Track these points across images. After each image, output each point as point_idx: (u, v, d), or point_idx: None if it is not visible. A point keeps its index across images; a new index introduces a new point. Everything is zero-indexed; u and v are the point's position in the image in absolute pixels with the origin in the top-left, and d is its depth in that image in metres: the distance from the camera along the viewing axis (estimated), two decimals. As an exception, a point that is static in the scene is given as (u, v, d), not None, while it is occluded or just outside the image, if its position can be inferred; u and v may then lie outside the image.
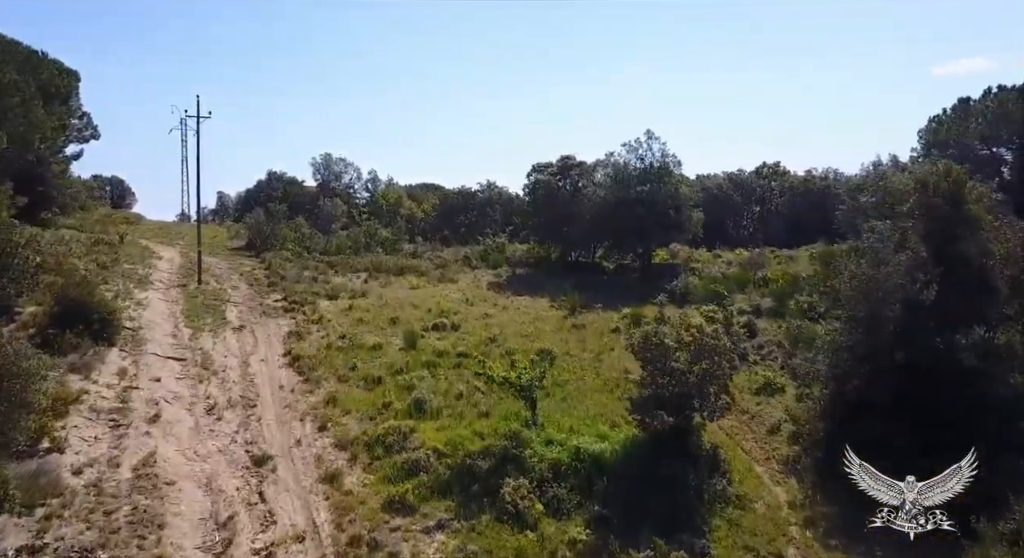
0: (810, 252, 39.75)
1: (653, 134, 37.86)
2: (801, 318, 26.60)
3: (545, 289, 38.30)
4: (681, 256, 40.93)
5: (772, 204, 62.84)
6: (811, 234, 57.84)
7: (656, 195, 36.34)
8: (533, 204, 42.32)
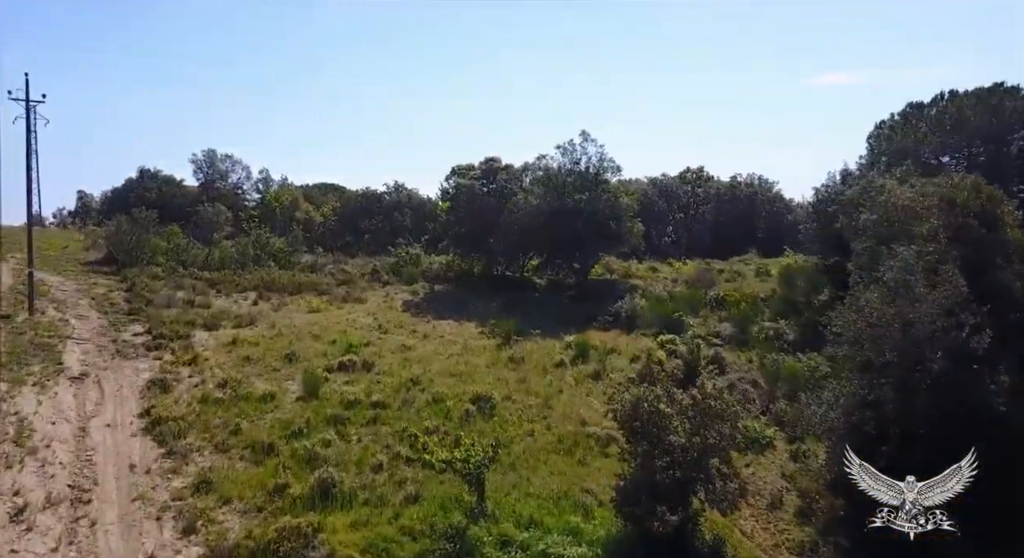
0: (757, 265, 37.68)
1: (589, 136, 34.53)
2: (770, 348, 23.63)
3: (470, 310, 33.92)
4: (618, 271, 37.69)
5: (698, 211, 61.33)
6: (738, 243, 56.93)
7: (595, 205, 32.86)
8: (453, 211, 37.82)
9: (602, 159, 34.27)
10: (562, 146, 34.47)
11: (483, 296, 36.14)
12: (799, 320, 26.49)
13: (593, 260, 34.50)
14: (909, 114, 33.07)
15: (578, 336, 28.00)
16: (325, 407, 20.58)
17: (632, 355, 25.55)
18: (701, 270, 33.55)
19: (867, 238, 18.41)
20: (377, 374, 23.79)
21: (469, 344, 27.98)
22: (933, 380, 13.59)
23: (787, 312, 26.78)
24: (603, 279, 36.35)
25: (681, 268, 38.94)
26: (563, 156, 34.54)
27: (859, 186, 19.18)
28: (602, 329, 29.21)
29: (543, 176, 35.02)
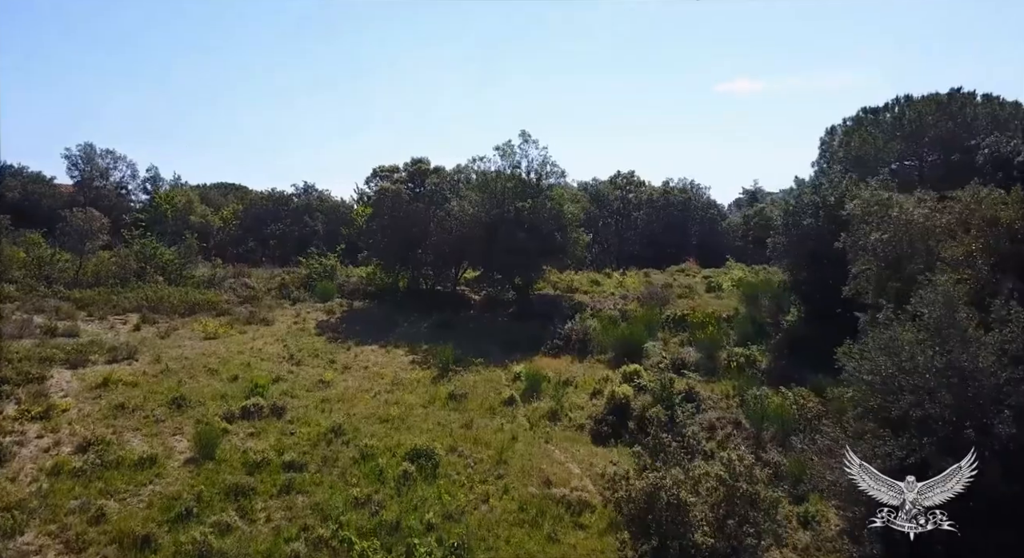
0: (702, 277, 35.76)
1: (529, 137, 31.41)
2: (743, 378, 21.25)
3: (398, 332, 30.13)
4: (561, 285, 34.81)
5: (630, 218, 59.61)
6: (673, 251, 55.59)
7: (538, 213, 29.80)
8: (376, 218, 33.81)
9: (545, 163, 31.36)
10: (501, 148, 31.31)
11: (411, 314, 32.36)
12: (769, 344, 24.38)
13: (537, 275, 31.47)
14: (863, 119, 32.02)
15: (526, 365, 24.84)
16: (223, 473, 16.46)
17: (591, 388, 22.60)
18: (653, 286, 31.16)
19: (868, 260, 16.20)
20: (290, 422, 19.76)
21: (399, 377, 24.25)
22: (1002, 446, 11.19)
23: (754, 335, 24.63)
24: (545, 294, 33.36)
25: (626, 281, 36.55)
26: (502, 159, 31.36)
27: (862, 200, 17.10)
28: (552, 355, 26.17)
29: (480, 181, 31.63)
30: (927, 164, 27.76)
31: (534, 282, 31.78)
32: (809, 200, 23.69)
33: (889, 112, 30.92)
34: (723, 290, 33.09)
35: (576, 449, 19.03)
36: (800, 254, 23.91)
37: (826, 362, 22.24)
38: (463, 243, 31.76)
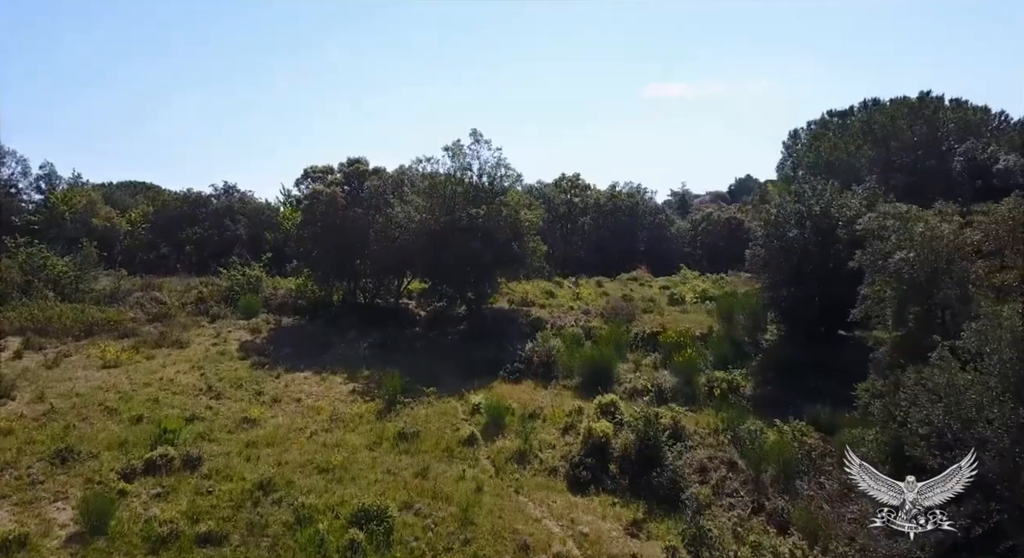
0: (659, 287, 33.96)
1: (481, 136, 28.75)
2: (729, 407, 19.29)
3: (334, 354, 26.99)
4: (514, 297, 32.27)
5: (576, 223, 57.74)
6: (621, 258, 54.05)
7: (493, 221, 27.19)
8: (307, 225, 30.41)
9: (499, 165, 28.76)
10: (450, 148, 28.46)
11: (349, 332, 29.20)
12: (750, 366, 22.57)
13: (492, 288, 28.82)
14: (828, 122, 30.94)
15: (485, 393, 22.21)
16: (117, 555, 13.15)
17: (562, 421, 20.15)
18: (617, 300, 29.01)
19: (885, 281, 14.42)
20: (207, 476, 16.53)
21: (339, 411, 21.20)
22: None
23: (733, 356, 22.80)
24: (500, 309, 30.76)
25: (582, 292, 34.37)
26: (451, 160, 28.53)
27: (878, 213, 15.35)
28: (513, 381, 23.62)
29: (427, 184, 28.70)
30: (900, 170, 26.71)
31: (489, 297, 29.15)
32: (792, 209, 22.06)
33: (857, 116, 29.93)
34: (687, 303, 31.38)
35: (552, 500, 16.53)
36: (782, 268, 22.24)
37: (817, 388, 20.80)
38: (408, 253, 28.80)
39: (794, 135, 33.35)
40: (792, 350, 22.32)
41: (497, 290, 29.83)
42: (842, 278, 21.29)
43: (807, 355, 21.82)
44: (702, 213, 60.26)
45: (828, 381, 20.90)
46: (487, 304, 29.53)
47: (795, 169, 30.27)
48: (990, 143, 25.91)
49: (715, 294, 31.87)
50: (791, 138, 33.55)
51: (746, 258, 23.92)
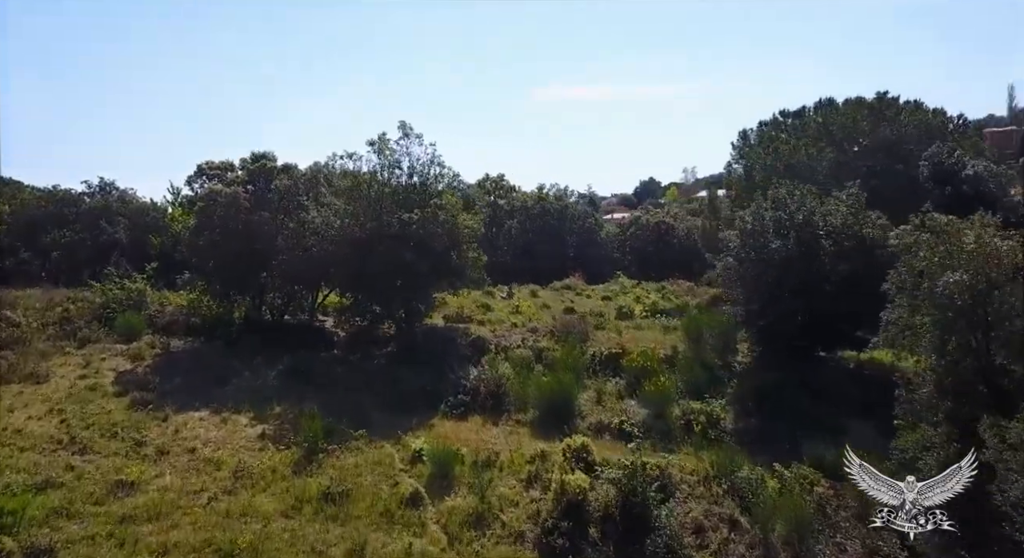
0: (601, 297, 31.60)
1: (411, 130, 25.20)
2: (723, 453, 16.85)
3: (238, 386, 22.88)
4: (449, 312, 28.86)
5: (502, 226, 54.78)
6: (551, 264, 51.62)
7: (429, 228, 23.80)
8: (202, 231, 25.89)
9: (432, 163, 25.31)
10: (375, 143, 24.71)
11: (254, 357, 24.98)
12: (726, 394, 20.33)
13: (427, 304, 25.30)
14: (781, 123, 29.56)
15: (426, 434, 18.85)
16: None
17: (524, 470, 17.09)
18: (572, 319, 26.20)
19: (918, 306, 12.31)
20: (63, 576, 12.32)
21: (245, 464, 17.32)
22: None
23: (706, 383, 20.49)
24: (434, 327, 27.24)
25: (521, 305, 31.41)
26: (377, 157, 24.80)
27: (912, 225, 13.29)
28: (457, 417, 20.37)
29: (349, 185, 24.83)
30: (859, 174, 25.41)
31: (424, 314, 25.64)
32: (772, 217, 20.02)
33: (812, 116, 28.67)
34: (637, 317, 29.07)
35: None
36: (760, 282, 20.14)
37: (807, 416, 18.81)
38: (325, 263, 24.87)
39: (743, 136, 31.91)
40: (770, 373, 20.26)
41: (432, 306, 26.37)
42: (827, 293, 19.40)
43: (787, 377, 19.81)
44: (631, 216, 58.85)
45: (816, 407, 18.93)
46: (420, 322, 26.02)
47: (748, 172, 28.64)
48: (956, 147, 25.18)
49: (666, 307, 29.77)
50: (741, 139, 32.09)
51: (718, 270, 21.72)
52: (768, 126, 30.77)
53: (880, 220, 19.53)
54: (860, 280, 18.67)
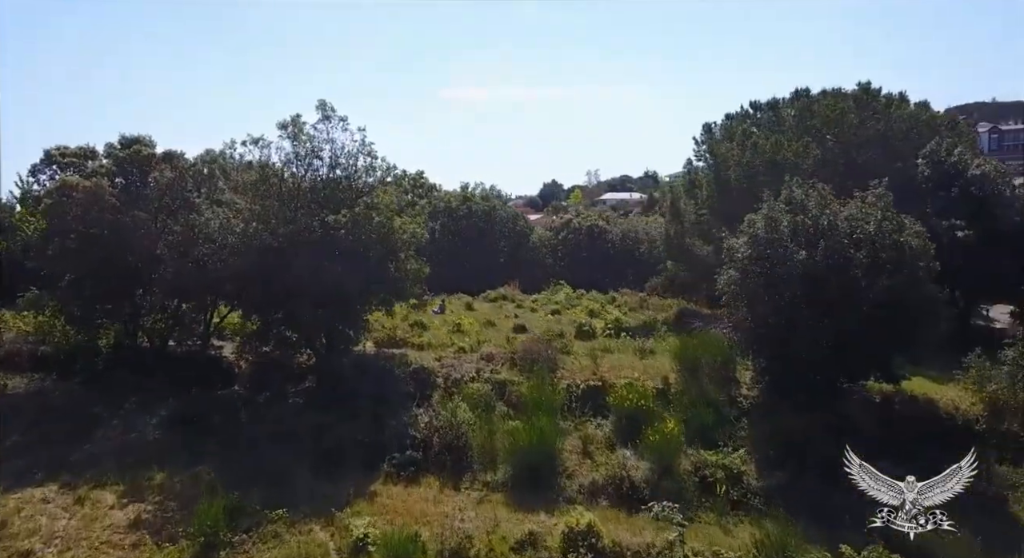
0: (551, 310, 28.02)
1: (334, 112, 20.39)
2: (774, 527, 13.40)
3: (102, 444, 17.93)
4: (379, 334, 24.07)
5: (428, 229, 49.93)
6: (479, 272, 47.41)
7: (360, 234, 19.17)
8: (56, 235, 20.08)
9: (362, 152, 20.57)
10: (288, 126, 19.69)
11: (125, 399, 19.69)
12: (738, 437, 16.93)
13: (357, 329, 20.48)
14: (751, 116, 26.92)
15: (367, 507, 14.40)
16: None
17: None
18: (536, 340, 21.97)
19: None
20: None
21: (111, 576, 12.20)
22: None
23: (712, 424, 17.00)
24: (364, 356, 22.34)
25: (464, 323, 27.05)
26: (291, 143, 19.75)
27: None
28: (405, 480, 15.97)
29: (256, 178, 19.66)
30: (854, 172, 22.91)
31: (355, 340, 20.78)
32: (790, 223, 16.78)
33: (789, 107, 26.10)
34: (598, 335, 25.45)
35: None
36: (776, 301, 16.86)
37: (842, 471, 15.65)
38: (223, 278, 19.64)
39: (707, 130, 29.04)
40: (786, 410, 17.01)
41: (364, 330, 21.60)
42: (859, 313, 16.37)
43: (810, 417, 16.64)
44: (563, 219, 55.62)
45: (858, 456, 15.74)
46: (348, 349, 21.17)
47: (718, 170, 25.70)
48: (956, 144, 23.16)
49: (631, 324, 26.32)
50: (705, 133, 29.21)
51: (720, 284, 18.26)
52: (736, 119, 28.09)
53: (915, 226, 16.77)
54: (900, 298, 15.77)
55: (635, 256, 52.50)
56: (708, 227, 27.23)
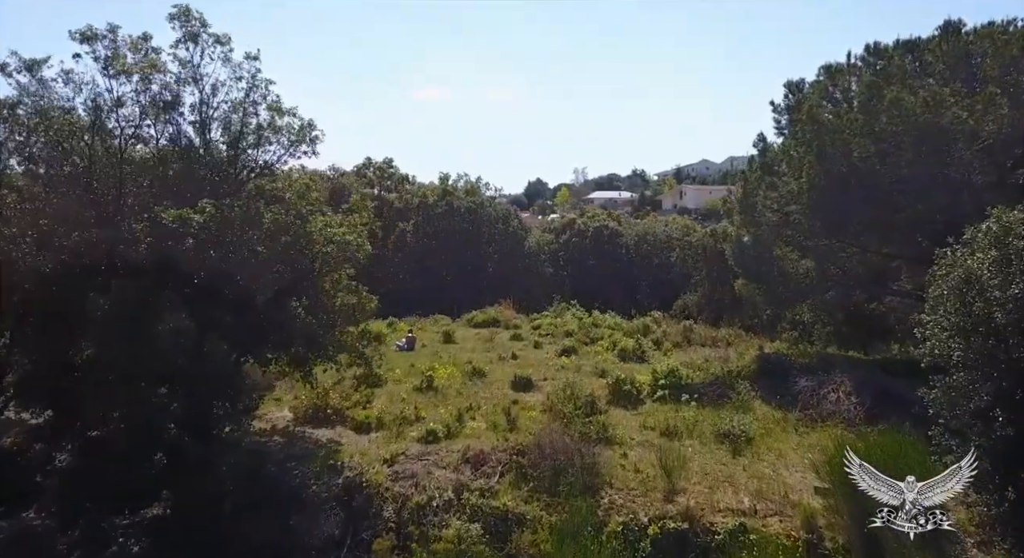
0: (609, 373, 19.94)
1: (207, 26, 11.85)
2: None
3: None
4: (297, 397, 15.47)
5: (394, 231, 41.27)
6: (461, 284, 38.88)
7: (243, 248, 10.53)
8: None
9: (253, 98, 12.02)
10: (100, 38, 11.06)
11: None
12: None
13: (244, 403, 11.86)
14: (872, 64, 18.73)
15: None
16: None
17: None
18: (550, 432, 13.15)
19: None
20: None
21: None
22: None
23: None
24: (255, 444, 13.74)
25: (437, 374, 18.54)
26: (108, 76, 11.09)
27: None
28: None
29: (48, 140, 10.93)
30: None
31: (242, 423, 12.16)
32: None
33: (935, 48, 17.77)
34: (645, 397, 17.07)
35: None
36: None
37: None
38: None
39: (795, 89, 20.77)
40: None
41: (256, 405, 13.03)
42: None
43: None
44: (565, 219, 47.15)
45: None
46: (235, 432, 12.60)
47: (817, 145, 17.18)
48: None
49: (694, 379, 17.87)
50: (792, 93, 20.94)
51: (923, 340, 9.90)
52: (840, 73, 19.75)
53: None
54: None
55: (653, 265, 44.29)
56: (798, 232, 18.99)
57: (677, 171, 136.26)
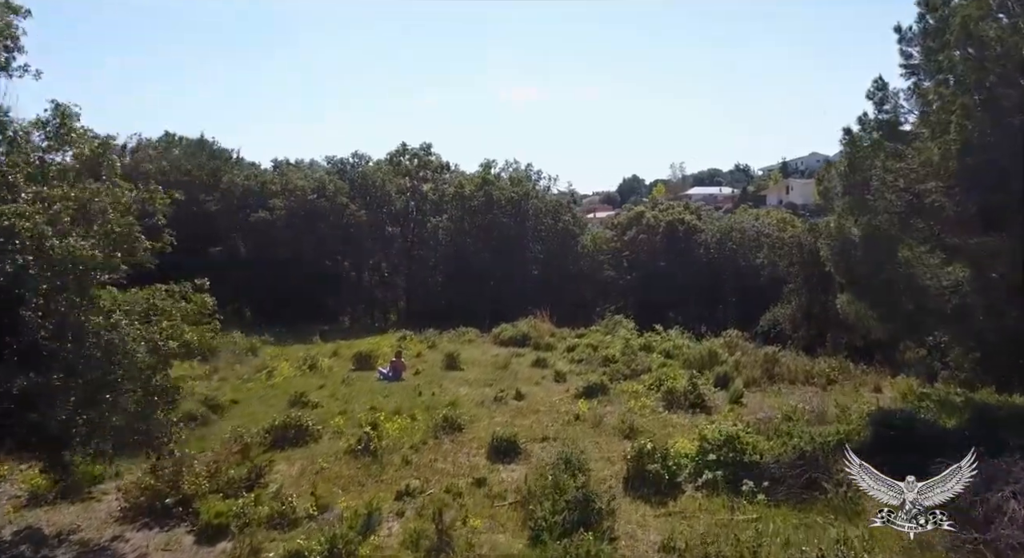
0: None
1: None
2: None
3: None
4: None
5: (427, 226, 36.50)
6: (497, 286, 33.37)
7: None
8: None
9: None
10: None
11: None
12: None
13: None
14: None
15: None
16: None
17: None
18: None
19: None
20: None
21: None
22: None
23: None
24: None
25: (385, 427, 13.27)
26: None
27: None
28: None
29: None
30: None
31: None
32: None
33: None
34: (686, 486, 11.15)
35: None
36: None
37: None
38: None
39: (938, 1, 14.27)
40: None
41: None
42: None
43: None
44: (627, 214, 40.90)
45: None
46: None
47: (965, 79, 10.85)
48: None
49: (759, 451, 11.57)
50: (932, 9, 14.38)
51: None
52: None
53: None
54: None
55: (739, 267, 37.32)
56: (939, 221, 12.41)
57: (784, 165, 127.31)
